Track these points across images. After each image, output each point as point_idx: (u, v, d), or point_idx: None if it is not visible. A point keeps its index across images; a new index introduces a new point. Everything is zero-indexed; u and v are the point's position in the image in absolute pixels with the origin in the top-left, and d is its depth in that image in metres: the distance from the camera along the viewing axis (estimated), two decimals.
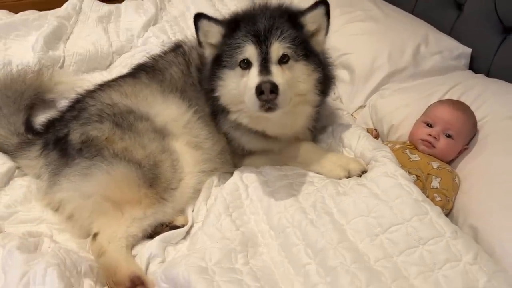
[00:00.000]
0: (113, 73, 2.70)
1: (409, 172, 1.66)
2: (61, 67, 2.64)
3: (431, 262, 1.33)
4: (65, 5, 3.22)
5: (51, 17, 3.04)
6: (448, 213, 1.70)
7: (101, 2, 3.38)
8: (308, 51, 1.72)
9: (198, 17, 1.77)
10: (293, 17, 1.73)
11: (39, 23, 3.06)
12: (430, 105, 1.96)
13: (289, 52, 1.65)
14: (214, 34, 1.77)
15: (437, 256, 1.33)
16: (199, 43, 1.82)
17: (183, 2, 3.42)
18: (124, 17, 3.26)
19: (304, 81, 1.70)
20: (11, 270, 1.37)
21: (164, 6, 3.44)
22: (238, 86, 1.68)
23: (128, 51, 2.95)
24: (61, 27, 2.90)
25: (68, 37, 2.94)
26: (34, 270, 1.34)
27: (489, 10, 2.28)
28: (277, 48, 1.64)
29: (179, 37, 2.98)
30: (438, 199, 1.65)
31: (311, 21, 1.73)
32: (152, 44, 2.86)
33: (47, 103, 2.31)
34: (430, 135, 1.83)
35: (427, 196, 1.61)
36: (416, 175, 1.69)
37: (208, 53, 1.81)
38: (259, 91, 1.53)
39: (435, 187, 1.69)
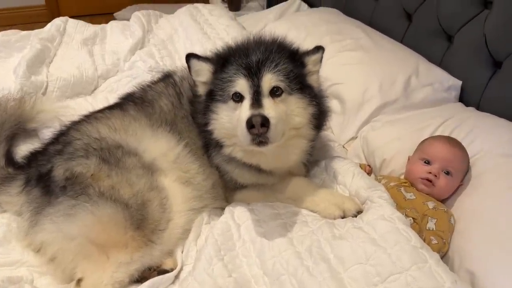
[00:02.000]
0: (98, 98, 2.64)
1: (405, 214, 1.62)
2: (44, 93, 2.55)
3: None
4: (48, 25, 3.16)
5: (34, 38, 2.97)
6: (444, 255, 1.67)
7: (86, 23, 3.33)
8: (303, 85, 1.70)
9: (188, 57, 1.75)
10: (292, 53, 1.73)
11: (21, 45, 3.00)
12: (423, 141, 1.95)
13: (282, 85, 1.63)
14: (204, 72, 1.75)
15: None
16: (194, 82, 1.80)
17: (171, 24, 3.39)
18: (110, 39, 3.21)
19: (299, 114, 1.68)
20: None
21: (151, 28, 3.40)
22: (231, 120, 1.65)
23: (114, 75, 2.89)
24: (44, 50, 2.83)
25: (52, 60, 2.88)
26: None
27: (479, 43, 2.28)
28: (268, 80, 1.61)
29: (167, 61, 2.94)
30: (434, 242, 1.62)
31: (313, 63, 1.75)
32: (139, 69, 2.82)
33: (28, 133, 2.24)
34: (430, 173, 1.80)
35: (423, 239, 1.59)
36: (413, 218, 1.65)
37: (201, 90, 1.79)
38: (250, 124, 1.50)
39: (431, 229, 1.66)
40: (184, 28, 3.26)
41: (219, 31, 3.24)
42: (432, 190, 1.79)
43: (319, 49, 1.75)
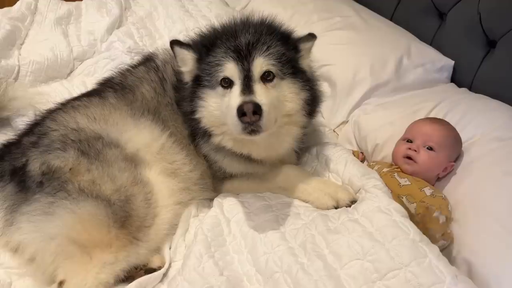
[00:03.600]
0: (74, 82, 2.51)
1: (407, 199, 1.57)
2: (16, 78, 2.40)
3: None
4: (18, 4, 2.95)
5: (3, 18, 2.77)
6: (448, 246, 1.63)
7: (59, 0, 3.12)
8: (296, 69, 1.63)
9: (172, 44, 1.66)
10: (284, 36, 1.65)
11: None
12: (410, 124, 1.90)
13: (273, 69, 1.55)
14: (188, 61, 1.66)
15: None
16: None
17: (150, 1, 3.22)
18: (86, 17, 3.03)
19: (291, 100, 1.61)
20: None
21: (129, 5, 3.22)
22: (220, 107, 1.57)
23: (90, 57, 2.74)
24: (14, 31, 2.65)
25: (23, 42, 2.70)
26: None
27: (473, 21, 2.22)
28: (260, 64, 1.53)
29: (146, 41, 2.80)
30: (448, 230, 1.59)
31: (307, 51, 1.70)
32: (117, 50, 2.67)
33: (0, 122, 2.10)
34: (409, 149, 1.77)
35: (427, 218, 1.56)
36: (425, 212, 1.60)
37: (187, 78, 1.69)
38: (241, 112, 1.42)
39: (439, 218, 1.61)
40: (164, 5, 3.10)
41: (201, 7, 3.10)
42: (415, 168, 1.76)
43: (313, 36, 1.69)
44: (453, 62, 2.33)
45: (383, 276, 1.31)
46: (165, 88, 1.86)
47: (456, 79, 2.36)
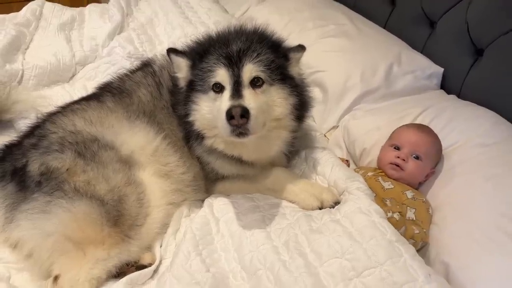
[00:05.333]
0: (76, 86, 2.60)
1: (391, 210, 1.63)
2: (20, 81, 2.50)
3: None
4: (23, 10, 3.06)
5: (9, 23, 2.88)
6: (424, 246, 1.69)
7: (63, 7, 3.24)
8: (284, 75, 1.70)
9: (168, 52, 1.76)
10: (274, 44, 1.73)
11: None
12: (395, 129, 1.96)
13: (262, 75, 1.62)
14: (182, 67, 1.75)
15: None
16: None
17: (151, 7, 3.32)
18: (88, 23, 3.13)
19: (280, 105, 1.68)
20: None
21: (131, 12, 3.32)
22: (212, 111, 1.65)
23: (92, 62, 2.84)
24: (19, 36, 2.76)
25: (28, 46, 2.81)
26: None
27: (461, 30, 2.27)
28: (249, 70, 1.61)
29: (146, 47, 2.89)
30: (416, 232, 1.64)
31: (296, 60, 1.77)
32: (117, 55, 2.77)
33: (4, 124, 2.20)
34: (398, 157, 1.82)
35: (406, 229, 1.61)
36: (399, 212, 1.65)
37: (181, 83, 1.78)
38: (230, 115, 1.50)
39: (410, 218, 1.68)
40: (164, 12, 3.19)
41: (201, 14, 3.18)
42: (401, 175, 1.82)
43: (302, 47, 1.77)
44: (442, 69, 2.38)
45: (359, 274, 1.38)
46: (161, 92, 1.94)
47: (446, 86, 2.40)
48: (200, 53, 1.73)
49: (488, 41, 2.15)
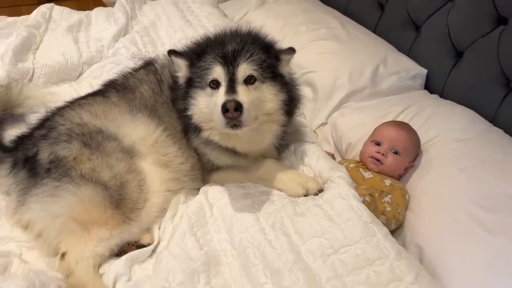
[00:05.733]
0: (83, 84, 2.75)
1: (362, 194, 1.78)
2: (31, 79, 2.66)
3: (377, 282, 1.45)
4: (34, 12, 3.24)
5: (20, 25, 3.05)
6: (399, 227, 1.83)
7: (71, 10, 3.41)
8: (275, 74, 1.85)
9: (169, 53, 1.92)
10: (266, 45, 1.88)
11: (8, 31, 3.08)
12: (377, 126, 2.10)
13: (255, 73, 1.77)
14: (181, 67, 1.90)
15: (382, 277, 1.45)
16: None
17: (154, 11, 3.47)
18: (95, 26, 3.30)
19: (271, 100, 1.82)
20: None
21: (135, 15, 3.48)
22: (209, 105, 1.79)
23: (98, 62, 2.99)
24: (30, 37, 2.92)
25: (38, 47, 2.97)
26: None
27: (443, 34, 2.42)
28: (243, 69, 1.75)
29: (149, 48, 3.05)
30: (388, 209, 1.79)
31: (287, 61, 1.91)
32: (122, 56, 2.92)
33: (16, 118, 2.34)
34: (378, 152, 1.97)
35: (378, 208, 1.76)
36: (369, 194, 1.80)
37: (181, 81, 1.93)
38: (225, 109, 1.64)
39: (386, 201, 1.83)
40: (167, 15, 3.35)
41: (201, 18, 3.34)
42: (381, 168, 1.96)
43: (292, 50, 1.91)
44: (426, 70, 2.53)
45: (336, 251, 1.52)
46: (162, 88, 2.09)
47: (430, 86, 2.55)
48: (198, 52, 1.88)
49: (467, 44, 2.30)
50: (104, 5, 4.19)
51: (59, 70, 2.79)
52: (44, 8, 3.27)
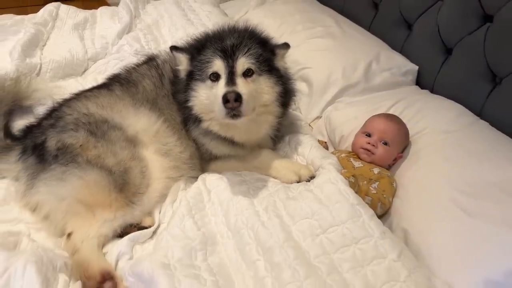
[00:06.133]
0: (88, 79, 2.86)
1: (346, 177, 1.87)
2: (38, 74, 2.77)
3: (362, 258, 1.55)
4: (41, 11, 3.36)
5: (28, 23, 3.17)
6: (385, 213, 1.93)
7: (77, 9, 3.53)
8: (271, 67, 1.96)
9: (171, 49, 2.04)
10: (262, 40, 1.99)
11: (16, 29, 3.20)
12: (368, 118, 2.21)
13: (253, 67, 1.87)
14: (183, 61, 2.01)
15: (367, 254, 1.56)
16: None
17: (157, 10, 3.59)
18: (100, 24, 3.42)
19: (267, 92, 1.92)
20: None
21: (139, 14, 3.61)
22: (209, 97, 1.89)
23: (102, 58, 3.11)
24: (37, 34, 3.04)
25: (45, 43, 3.09)
26: (14, 266, 1.50)
27: (434, 32, 2.52)
28: (242, 63, 1.85)
29: (152, 45, 3.16)
30: (373, 191, 1.90)
31: (281, 56, 2.03)
32: (125, 52, 3.03)
33: (24, 109, 2.45)
34: (369, 143, 2.07)
35: (362, 189, 1.88)
36: (352, 176, 1.90)
37: (182, 74, 2.03)
38: (225, 99, 1.74)
39: (373, 187, 1.93)
40: (169, 14, 3.47)
41: (202, 17, 3.45)
42: (372, 159, 2.07)
43: (287, 46, 2.02)
44: (417, 67, 2.63)
45: (325, 231, 1.63)
46: (163, 83, 2.19)
47: (421, 82, 2.66)
48: (198, 47, 1.99)
49: (456, 41, 2.40)
50: (108, 5, 4.31)
51: (66, 65, 2.91)
52: (51, 6, 3.39)
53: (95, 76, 2.85)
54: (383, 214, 1.94)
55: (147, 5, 3.75)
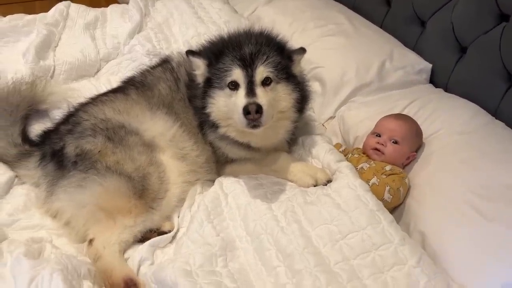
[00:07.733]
0: (101, 80, 2.88)
1: (367, 178, 1.90)
2: (52, 76, 2.79)
3: (382, 265, 1.57)
4: (52, 11, 3.36)
5: (40, 23, 3.18)
6: (398, 207, 1.96)
7: (87, 7, 3.52)
8: (288, 74, 1.97)
9: (187, 54, 2.03)
10: (279, 47, 1.99)
11: (28, 29, 3.21)
12: (379, 119, 2.21)
13: (271, 75, 1.88)
14: (200, 66, 2.00)
15: (387, 260, 1.58)
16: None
17: (167, 8, 3.56)
18: (110, 23, 3.41)
19: (284, 99, 1.94)
20: (20, 276, 1.55)
21: (149, 12, 3.58)
22: (227, 105, 1.90)
23: (114, 58, 3.11)
24: (49, 35, 3.04)
25: (57, 44, 3.10)
26: (41, 275, 1.53)
27: (448, 30, 2.50)
28: (261, 72, 1.86)
29: (163, 45, 3.16)
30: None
31: (298, 61, 2.03)
32: (137, 52, 3.03)
33: (40, 113, 2.47)
34: (378, 143, 2.09)
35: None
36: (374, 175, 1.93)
37: (199, 79, 2.03)
38: (246, 111, 1.76)
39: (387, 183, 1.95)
40: (179, 12, 3.44)
41: (212, 14, 3.43)
42: (383, 158, 2.08)
43: (303, 50, 2.03)
44: (431, 65, 2.61)
45: (344, 237, 1.65)
46: (179, 86, 2.20)
47: (435, 80, 2.64)
48: (216, 53, 1.98)
49: (471, 39, 2.38)
50: (117, 2, 4.29)
51: (78, 67, 2.91)
52: (61, 6, 3.38)
53: (108, 77, 2.87)
54: (396, 206, 1.97)
55: (157, 2, 3.73)
